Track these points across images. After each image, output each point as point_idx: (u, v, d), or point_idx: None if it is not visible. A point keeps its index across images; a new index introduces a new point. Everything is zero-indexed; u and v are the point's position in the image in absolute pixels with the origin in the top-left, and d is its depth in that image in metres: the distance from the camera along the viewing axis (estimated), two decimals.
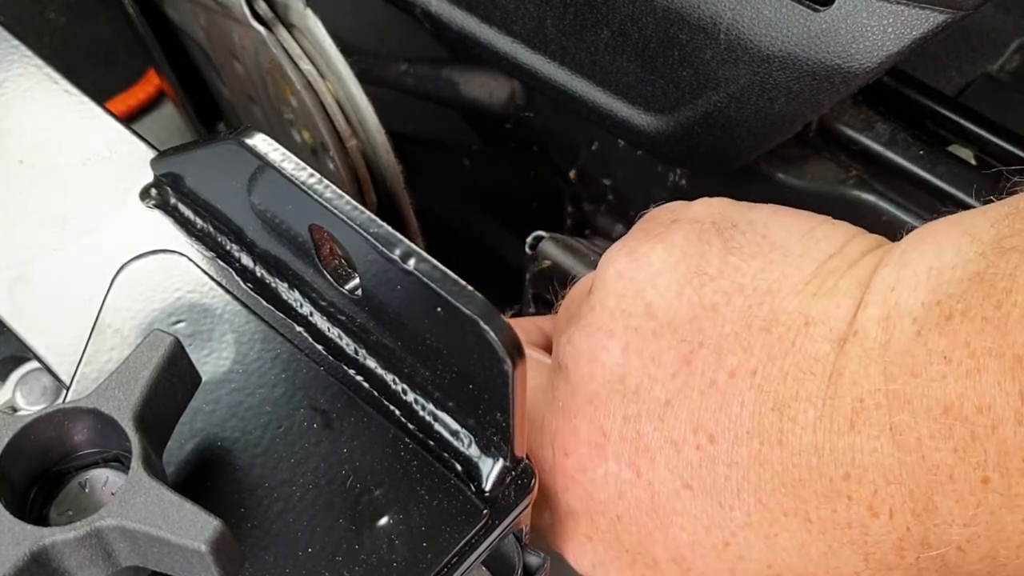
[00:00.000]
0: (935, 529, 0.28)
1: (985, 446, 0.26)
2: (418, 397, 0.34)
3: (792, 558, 0.31)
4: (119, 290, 0.37)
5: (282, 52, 0.51)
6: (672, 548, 0.33)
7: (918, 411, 0.27)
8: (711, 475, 0.32)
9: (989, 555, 0.27)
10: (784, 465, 0.30)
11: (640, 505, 0.33)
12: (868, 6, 0.36)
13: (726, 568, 0.33)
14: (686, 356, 0.32)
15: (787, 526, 0.31)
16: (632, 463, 0.33)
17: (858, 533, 0.29)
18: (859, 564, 0.30)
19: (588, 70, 0.47)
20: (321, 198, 0.31)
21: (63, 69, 0.44)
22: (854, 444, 0.29)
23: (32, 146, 0.42)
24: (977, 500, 0.26)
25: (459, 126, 0.64)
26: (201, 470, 0.33)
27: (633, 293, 0.34)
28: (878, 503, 0.28)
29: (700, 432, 0.32)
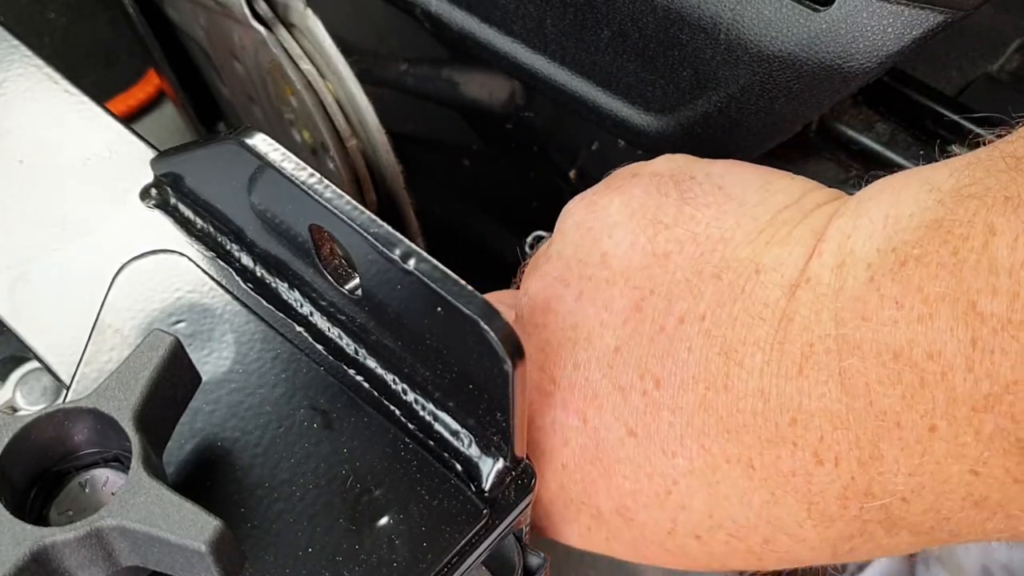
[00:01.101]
0: (879, 478, 0.27)
1: (934, 393, 0.25)
2: (418, 397, 0.34)
3: (734, 507, 0.31)
4: (119, 290, 0.37)
5: (282, 52, 0.51)
6: (615, 497, 0.33)
7: (868, 356, 0.27)
8: (655, 421, 0.31)
9: (932, 507, 0.27)
10: (729, 410, 0.30)
11: (585, 453, 0.33)
12: (868, 6, 0.36)
13: (668, 518, 0.32)
14: (637, 303, 0.32)
15: (729, 473, 0.30)
16: (579, 410, 0.33)
17: (802, 481, 0.29)
18: (801, 514, 0.29)
19: (588, 70, 0.47)
20: (321, 198, 0.31)
21: (63, 69, 0.44)
22: (801, 389, 0.28)
23: (32, 146, 0.42)
24: (923, 449, 0.26)
25: (459, 126, 0.64)
26: (201, 470, 0.33)
27: (590, 243, 0.34)
28: (823, 450, 0.28)
29: (647, 377, 0.32)
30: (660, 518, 0.33)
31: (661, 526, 0.33)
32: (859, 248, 0.28)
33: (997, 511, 0.26)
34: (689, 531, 0.32)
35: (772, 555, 0.32)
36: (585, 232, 0.34)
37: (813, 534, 0.30)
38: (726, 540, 0.32)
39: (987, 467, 0.25)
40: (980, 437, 0.25)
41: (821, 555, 0.31)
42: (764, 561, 0.33)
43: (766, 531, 0.31)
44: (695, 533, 0.32)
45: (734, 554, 0.32)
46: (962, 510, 0.27)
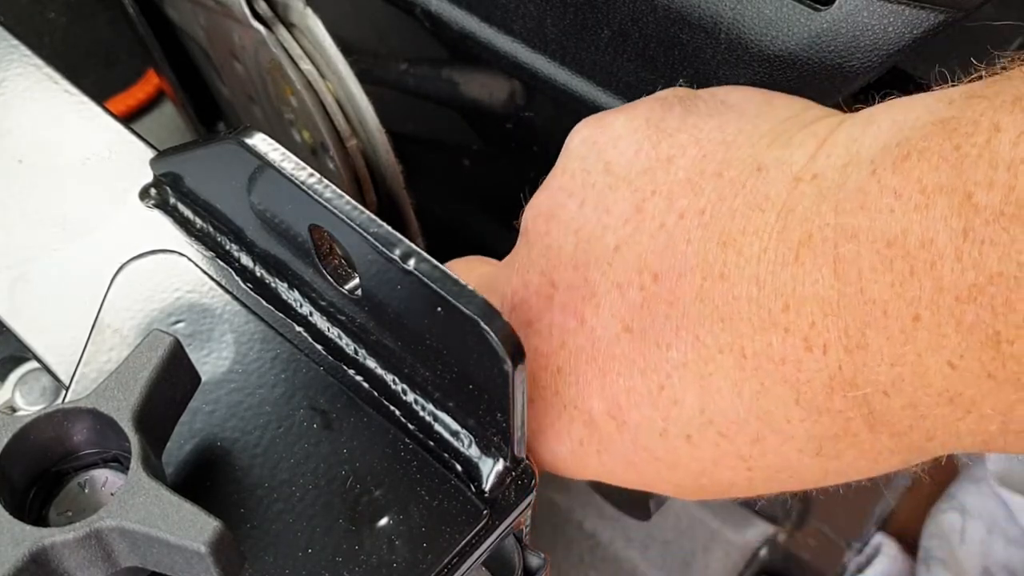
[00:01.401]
0: (864, 369, 0.28)
1: (922, 282, 0.26)
2: (418, 397, 0.34)
3: (725, 401, 0.31)
4: (119, 290, 0.37)
5: (282, 52, 0.51)
6: (609, 397, 0.33)
7: (863, 244, 0.27)
8: (651, 315, 0.32)
9: (911, 403, 0.27)
10: (724, 298, 0.30)
11: (581, 353, 0.33)
12: (868, 6, 0.36)
13: (660, 416, 0.32)
14: (638, 204, 0.33)
15: (722, 364, 0.30)
16: (577, 311, 0.33)
17: (791, 369, 0.29)
18: (790, 405, 0.30)
19: (588, 70, 0.47)
20: (321, 198, 0.31)
21: (63, 69, 0.44)
22: (796, 275, 0.28)
23: (32, 146, 0.42)
24: (906, 338, 0.26)
25: (459, 126, 0.64)
26: (201, 470, 0.33)
27: (595, 155, 0.35)
28: (813, 336, 0.28)
29: (645, 273, 0.32)
30: (652, 416, 0.33)
31: (653, 426, 0.33)
32: (865, 149, 0.29)
33: (971, 409, 0.27)
34: (680, 430, 0.32)
35: (761, 462, 0.32)
36: (591, 145, 0.35)
37: (800, 429, 0.30)
38: (716, 441, 0.32)
39: (964, 360, 0.26)
40: (960, 328, 0.25)
41: (809, 462, 0.31)
42: (754, 473, 0.33)
43: (755, 427, 0.31)
44: (686, 432, 0.32)
45: (724, 460, 0.32)
46: (937, 406, 0.27)
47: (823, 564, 0.82)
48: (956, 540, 0.83)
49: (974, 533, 0.83)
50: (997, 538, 0.83)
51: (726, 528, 0.83)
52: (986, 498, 0.84)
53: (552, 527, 0.82)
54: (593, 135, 0.35)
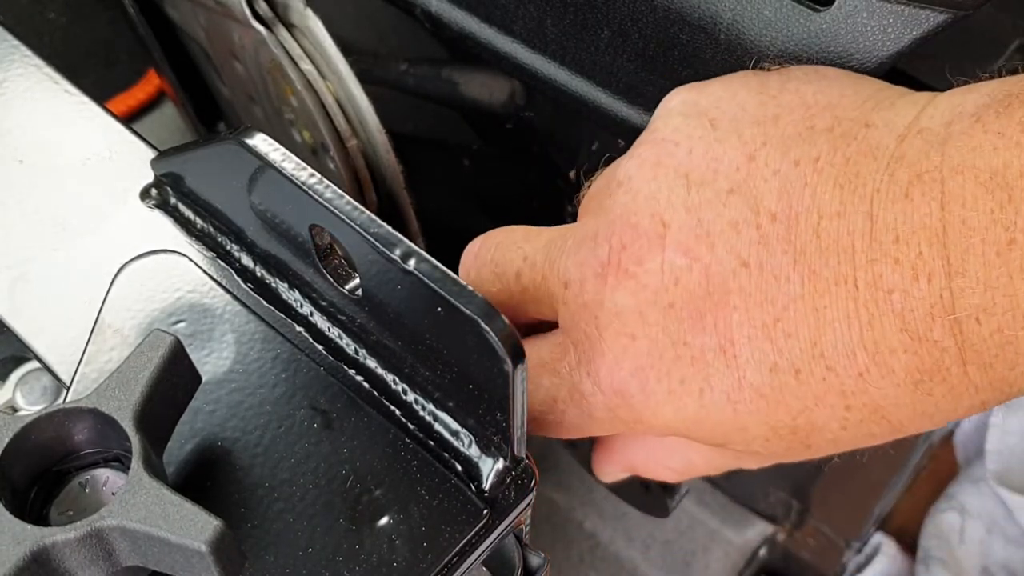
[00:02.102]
0: (962, 295, 0.30)
1: (1019, 208, 0.29)
2: (418, 397, 0.34)
3: (837, 332, 0.32)
4: (119, 290, 0.37)
5: (282, 52, 0.51)
6: (722, 332, 0.34)
7: (967, 178, 0.30)
8: (768, 251, 0.33)
9: (999, 328, 0.30)
10: (840, 234, 0.32)
11: (696, 289, 0.34)
12: (868, 6, 0.36)
13: (773, 348, 0.33)
14: (750, 153, 0.34)
15: (837, 296, 0.32)
16: (690, 250, 0.34)
17: (899, 298, 0.31)
18: (896, 333, 0.32)
19: (588, 70, 0.47)
20: (321, 198, 0.31)
21: (63, 69, 0.44)
22: (906, 210, 0.31)
23: (32, 146, 0.42)
24: (1001, 261, 0.29)
25: (459, 126, 0.64)
26: (201, 470, 0.33)
27: (697, 113, 0.36)
28: (920, 265, 0.31)
29: (762, 212, 0.33)
30: (765, 349, 0.34)
31: (764, 360, 0.34)
32: (968, 105, 0.31)
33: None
34: (791, 364, 0.33)
35: (861, 399, 0.33)
36: (691, 106, 0.37)
37: (901, 361, 0.32)
38: (823, 375, 0.33)
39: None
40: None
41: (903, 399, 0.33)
42: (850, 414, 0.34)
43: (862, 360, 0.32)
44: (796, 366, 0.33)
45: (826, 396, 0.34)
46: (1023, 328, 0.29)
47: (823, 564, 0.83)
48: (955, 540, 0.83)
49: (973, 533, 0.83)
50: (996, 538, 0.83)
51: (726, 528, 0.83)
52: (985, 498, 0.84)
53: (552, 527, 0.82)
54: (693, 96, 0.37)
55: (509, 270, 0.40)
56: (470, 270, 0.42)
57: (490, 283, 0.41)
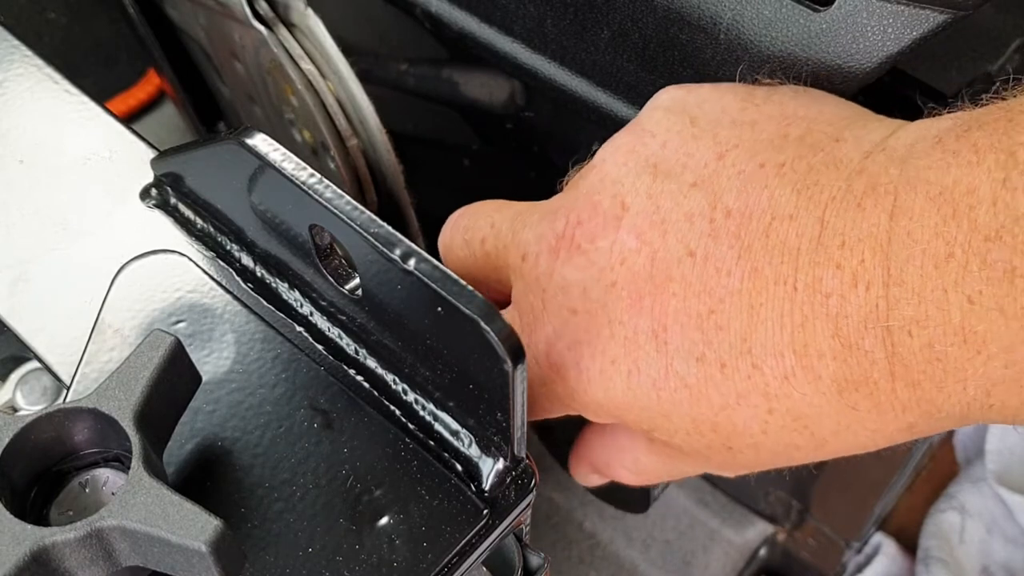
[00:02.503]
0: (897, 305, 0.30)
1: (960, 223, 0.29)
2: (418, 397, 0.34)
3: (768, 330, 0.33)
4: (119, 290, 0.37)
5: (283, 52, 0.51)
6: (656, 316, 0.35)
7: (919, 192, 0.31)
8: (716, 243, 0.34)
9: (929, 343, 0.30)
10: (788, 235, 0.33)
11: (640, 272, 0.35)
12: (868, 6, 0.36)
13: (702, 339, 0.34)
14: (720, 152, 0.35)
15: (774, 295, 0.33)
16: (643, 234, 0.35)
17: (835, 303, 0.32)
18: (827, 338, 0.32)
19: (588, 70, 0.47)
20: (321, 198, 0.31)
21: (63, 69, 0.44)
22: (856, 218, 0.32)
23: (32, 146, 0.42)
24: (938, 273, 0.30)
25: (459, 126, 0.64)
26: (201, 470, 0.33)
27: (681, 110, 0.37)
28: (861, 272, 0.31)
29: (718, 208, 0.34)
30: (695, 339, 0.34)
31: (693, 349, 0.34)
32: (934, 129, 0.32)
33: (981, 349, 0.29)
34: (717, 356, 0.34)
35: (784, 404, 0.34)
36: (677, 103, 0.38)
37: (830, 368, 0.32)
38: (748, 373, 0.34)
39: (981, 296, 0.29)
40: (984, 264, 0.29)
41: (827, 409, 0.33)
42: (772, 418, 0.34)
43: (789, 362, 0.33)
44: (722, 360, 0.34)
45: (749, 396, 0.34)
46: (953, 345, 0.30)
47: (823, 564, 0.82)
48: (955, 540, 0.83)
49: (973, 533, 0.83)
50: (996, 538, 0.83)
51: (726, 528, 0.83)
52: (985, 498, 0.84)
53: (552, 527, 0.82)
54: (680, 95, 0.38)
55: (476, 236, 0.42)
56: (445, 235, 0.44)
57: (459, 248, 0.43)
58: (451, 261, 0.44)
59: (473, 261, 0.42)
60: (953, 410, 0.31)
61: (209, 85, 0.70)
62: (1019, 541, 0.82)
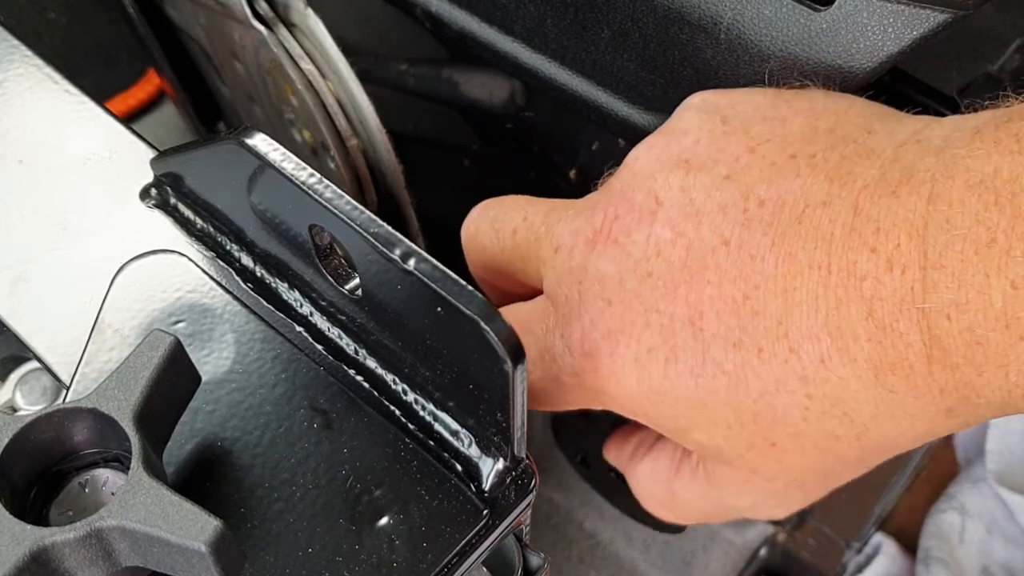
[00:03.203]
0: (935, 289, 0.30)
1: (1004, 210, 0.29)
2: (418, 397, 0.34)
3: (803, 314, 0.33)
4: (119, 290, 0.37)
5: (283, 51, 0.51)
6: (693, 303, 0.35)
7: (958, 180, 0.30)
8: (750, 232, 0.34)
9: (969, 327, 0.30)
10: (822, 221, 0.33)
11: (675, 262, 0.35)
12: (868, 6, 0.36)
13: (738, 324, 0.34)
14: (752, 147, 0.36)
15: (808, 279, 0.33)
16: (678, 226, 0.36)
17: (870, 285, 0.32)
18: (861, 320, 0.32)
19: (588, 70, 0.47)
20: (321, 198, 0.31)
21: (63, 69, 0.44)
22: (891, 205, 0.31)
23: (32, 146, 0.42)
24: (980, 259, 0.29)
25: (459, 126, 0.64)
26: (201, 470, 0.33)
27: (712, 110, 0.38)
28: (896, 256, 0.31)
29: (751, 198, 0.34)
30: (731, 325, 0.34)
31: (729, 335, 0.34)
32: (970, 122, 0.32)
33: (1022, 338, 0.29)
34: (754, 341, 0.34)
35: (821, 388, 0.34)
36: (710, 104, 0.38)
37: (865, 350, 0.32)
38: (785, 357, 0.34)
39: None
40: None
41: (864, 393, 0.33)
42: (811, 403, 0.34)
43: (824, 345, 0.33)
44: (759, 344, 0.34)
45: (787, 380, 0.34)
46: (994, 330, 0.30)
47: (823, 564, 0.82)
48: (955, 540, 0.83)
49: (973, 533, 0.83)
50: (996, 538, 0.83)
51: (726, 528, 0.83)
52: (985, 498, 0.84)
53: (552, 527, 0.82)
54: (713, 97, 0.38)
55: (507, 227, 0.42)
56: (471, 224, 0.44)
57: (486, 236, 0.43)
58: (475, 249, 0.44)
59: (501, 250, 0.42)
60: (993, 396, 0.31)
61: (209, 85, 0.70)
62: (1019, 541, 0.82)
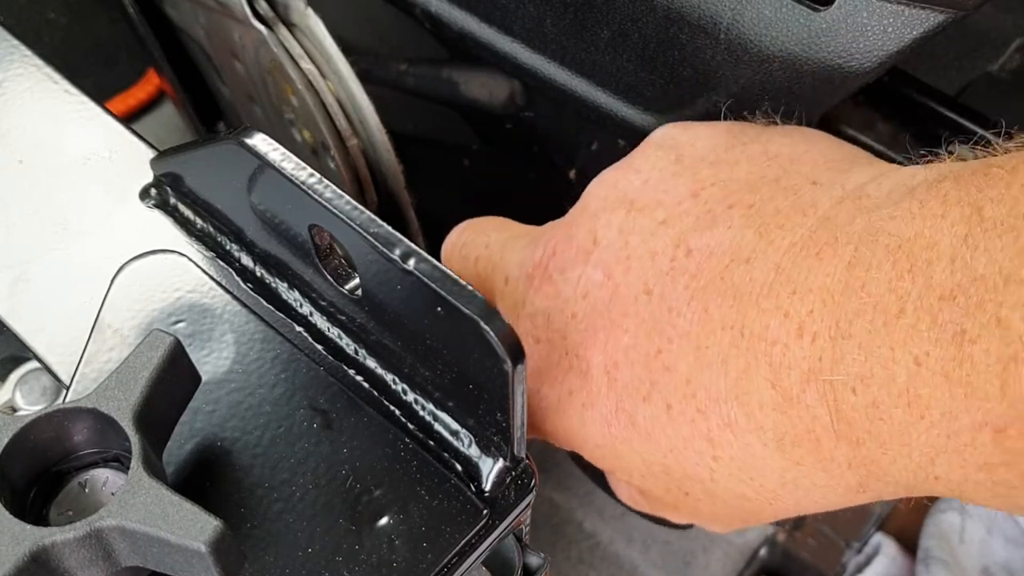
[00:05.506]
0: (842, 360, 0.29)
1: (915, 279, 0.28)
2: (418, 397, 0.34)
3: (712, 375, 0.33)
4: (119, 290, 0.37)
5: (283, 51, 0.51)
6: (609, 352, 0.35)
7: (879, 245, 0.29)
8: (673, 283, 0.34)
9: (873, 403, 0.29)
10: (743, 279, 0.32)
11: (598, 306, 0.35)
12: (868, 6, 0.36)
13: (649, 378, 0.34)
14: (695, 191, 0.35)
15: (720, 339, 0.32)
16: (608, 268, 0.36)
17: (779, 352, 0.31)
18: (767, 388, 0.31)
19: (588, 70, 0.47)
20: (321, 198, 0.31)
21: (63, 69, 0.44)
22: (812, 267, 0.31)
23: (32, 146, 0.42)
24: (887, 330, 0.28)
25: (459, 126, 0.64)
26: (201, 470, 0.33)
27: (671, 146, 0.38)
28: (808, 323, 0.30)
29: (681, 246, 0.34)
30: (642, 378, 0.34)
31: (640, 388, 0.34)
32: (915, 180, 0.31)
33: (924, 414, 0.28)
34: (663, 397, 0.34)
35: (727, 451, 0.33)
36: (671, 139, 0.38)
37: (770, 419, 0.31)
38: (693, 417, 0.33)
39: (928, 358, 0.27)
40: (934, 324, 0.27)
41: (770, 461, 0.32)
42: (718, 465, 0.34)
43: (731, 409, 0.32)
44: (668, 401, 0.34)
45: (695, 440, 0.34)
46: (896, 407, 0.28)
47: (823, 564, 0.82)
48: (955, 540, 0.83)
49: (973, 533, 0.83)
50: (996, 538, 0.83)
51: None
52: None
53: (552, 527, 0.82)
54: (676, 132, 0.38)
55: (471, 254, 0.42)
56: (446, 247, 0.45)
57: (456, 262, 0.44)
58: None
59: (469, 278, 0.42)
60: (900, 476, 0.30)
61: (209, 85, 0.70)
62: (1019, 541, 0.82)
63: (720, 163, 0.36)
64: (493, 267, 0.41)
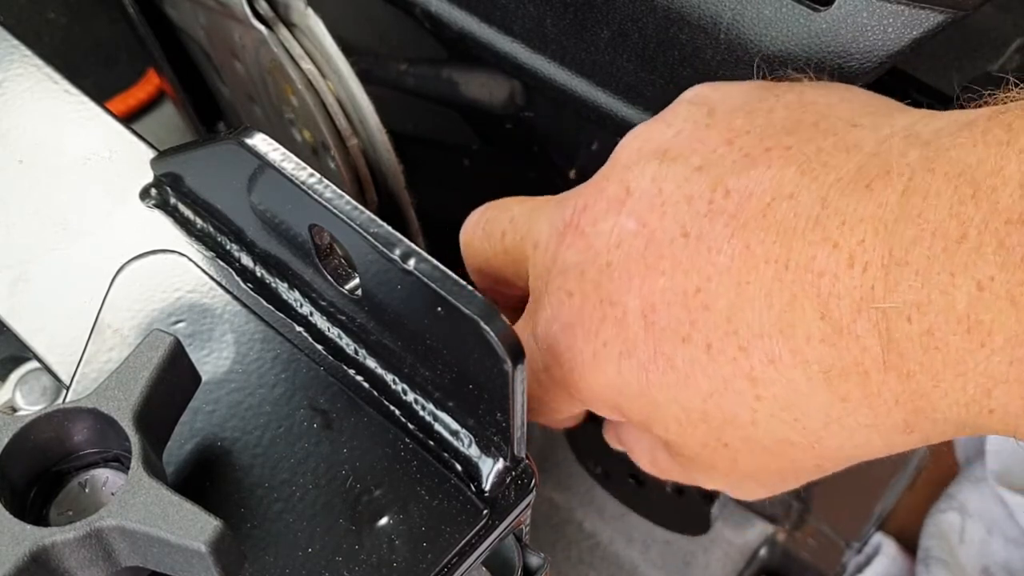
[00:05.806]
0: (896, 288, 0.29)
1: (980, 204, 0.27)
2: (418, 397, 0.34)
3: (754, 311, 0.32)
4: (119, 290, 0.37)
5: (283, 51, 0.51)
6: (645, 295, 0.34)
7: (937, 172, 0.29)
8: (711, 224, 0.33)
9: (929, 330, 0.28)
10: (787, 215, 0.31)
11: (633, 252, 0.35)
12: (868, 6, 0.36)
13: (688, 319, 0.33)
14: (730, 138, 0.35)
15: (762, 274, 0.32)
16: (642, 216, 0.35)
17: (827, 282, 0.30)
18: (815, 320, 0.31)
19: (588, 70, 0.47)
20: (321, 198, 0.31)
21: (63, 69, 0.44)
22: (862, 199, 0.30)
23: (32, 146, 0.42)
24: (947, 256, 0.28)
25: (459, 126, 0.64)
26: (201, 470, 0.33)
27: (702, 102, 0.37)
28: (859, 253, 0.30)
29: (719, 189, 0.33)
30: (680, 318, 0.33)
31: (679, 329, 0.33)
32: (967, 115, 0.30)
33: (986, 341, 0.27)
34: (703, 337, 0.33)
35: (770, 390, 0.32)
36: (702, 96, 0.38)
37: (817, 352, 0.31)
38: (734, 355, 0.33)
39: (993, 282, 0.27)
40: (1000, 249, 0.27)
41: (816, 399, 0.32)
42: (760, 405, 0.33)
43: (775, 345, 0.32)
44: (708, 340, 0.33)
45: (736, 380, 0.33)
46: (955, 334, 0.28)
47: (823, 564, 0.82)
48: (956, 540, 0.83)
49: (974, 533, 0.83)
50: (997, 538, 0.83)
51: (726, 528, 0.83)
52: (985, 498, 0.84)
53: (552, 527, 0.82)
54: (707, 90, 0.38)
55: (496, 230, 0.42)
56: (467, 228, 0.44)
57: (479, 242, 0.43)
58: (471, 255, 0.44)
59: (494, 254, 0.42)
60: (951, 411, 0.30)
61: (209, 85, 0.70)
62: (1019, 541, 0.82)
63: (755, 112, 0.35)
64: (521, 237, 0.40)
